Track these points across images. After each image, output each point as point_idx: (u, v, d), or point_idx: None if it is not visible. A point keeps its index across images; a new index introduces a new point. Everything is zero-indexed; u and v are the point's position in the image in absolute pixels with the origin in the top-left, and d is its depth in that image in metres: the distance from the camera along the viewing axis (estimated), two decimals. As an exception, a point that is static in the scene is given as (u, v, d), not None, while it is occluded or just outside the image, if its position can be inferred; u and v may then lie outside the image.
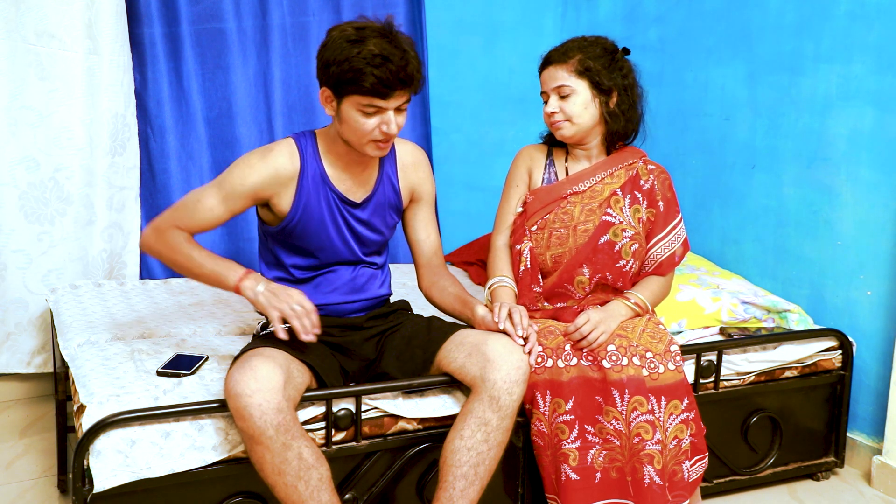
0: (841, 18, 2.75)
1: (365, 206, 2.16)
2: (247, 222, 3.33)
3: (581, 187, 2.33)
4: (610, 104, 2.29)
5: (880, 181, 2.66)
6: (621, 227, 2.30)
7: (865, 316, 2.73)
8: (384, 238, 2.23)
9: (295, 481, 1.84)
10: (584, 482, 2.12)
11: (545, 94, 2.32)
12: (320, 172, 2.10)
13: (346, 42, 1.94)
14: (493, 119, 3.87)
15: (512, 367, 1.99)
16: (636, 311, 2.28)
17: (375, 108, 1.97)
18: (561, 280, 2.31)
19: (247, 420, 1.81)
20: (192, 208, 2.07)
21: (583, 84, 2.27)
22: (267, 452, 1.83)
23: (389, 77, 1.92)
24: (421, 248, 2.29)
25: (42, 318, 3.07)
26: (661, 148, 3.45)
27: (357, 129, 2.00)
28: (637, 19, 3.57)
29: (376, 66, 1.91)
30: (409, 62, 1.96)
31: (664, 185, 2.37)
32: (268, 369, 1.85)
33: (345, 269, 2.18)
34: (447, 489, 1.97)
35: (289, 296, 1.96)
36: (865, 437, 2.77)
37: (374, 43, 1.93)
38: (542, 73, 2.33)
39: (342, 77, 1.94)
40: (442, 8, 3.63)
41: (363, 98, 1.95)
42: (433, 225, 2.30)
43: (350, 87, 1.95)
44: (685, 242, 2.39)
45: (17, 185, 2.97)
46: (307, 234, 2.11)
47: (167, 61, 3.17)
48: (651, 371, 2.16)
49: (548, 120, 2.32)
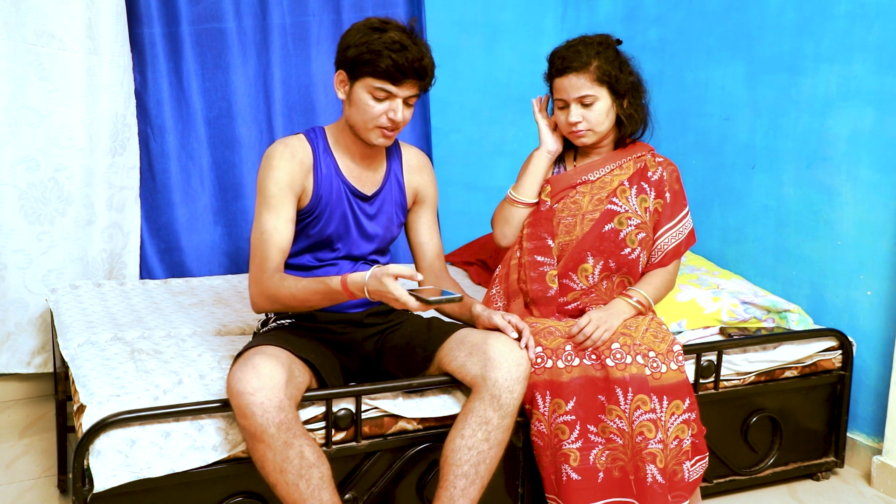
0: (841, 18, 2.75)
1: (374, 200, 2.20)
2: (246, 222, 3.33)
3: (591, 177, 2.35)
4: (624, 105, 2.29)
5: (880, 181, 2.66)
6: (626, 215, 2.31)
7: (865, 316, 2.73)
8: (389, 235, 2.25)
9: (296, 479, 1.84)
10: (586, 482, 2.13)
11: (562, 102, 2.30)
12: (333, 164, 2.15)
13: (368, 28, 2.04)
14: (493, 119, 3.87)
15: (513, 366, 2.00)
16: (638, 310, 2.28)
17: (386, 92, 2.03)
18: (566, 268, 2.32)
19: (249, 418, 1.81)
20: (263, 243, 2.05)
21: (604, 91, 2.27)
22: (268, 450, 1.83)
23: (405, 63, 2.00)
24: (423, 251, 2.31)
25: (42, 318, 3.07)
26: (662, 148, 3.44)
27: (366, 111, 2.06)
28: (637, 19, 3.57)
29: (394, 50, 1.99)
30: (425, 55, 2.05)
31: (672, 176, 2.39)
32: (270, 367, 1.85)
33: (347, 266, 2.19)
34: (448, 488, 1.98)
35: (393, 298, 1.87)
36: (865, 437, 2.77)
37: (395, 33, 2.03)
38: (556, 79, 2.29)
39: (360, 58, 2.02)
40: (442, 8, 3.63)
41: (376, 80, 2.02)
42: (435, 229, 2.34)
43: (365, 69, 2.02)
44: (692, 233, 2.41)
45: (17, 185, 2.97)
46: (330, 221, 2.14)
47: (167, 61, 3.17)
48: (654, 370, 2.16)
49: (567, 128, 2.31)
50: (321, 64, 3.39)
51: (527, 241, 2.36)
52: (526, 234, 2.36)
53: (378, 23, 2.06)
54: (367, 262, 2.23)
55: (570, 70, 2.26)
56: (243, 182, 3.31)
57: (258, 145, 3.33)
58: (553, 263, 2.33)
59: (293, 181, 2.08)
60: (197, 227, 3.28)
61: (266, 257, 2.04)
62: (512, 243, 2.41)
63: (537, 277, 2.32)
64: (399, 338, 2.20)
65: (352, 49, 2.03)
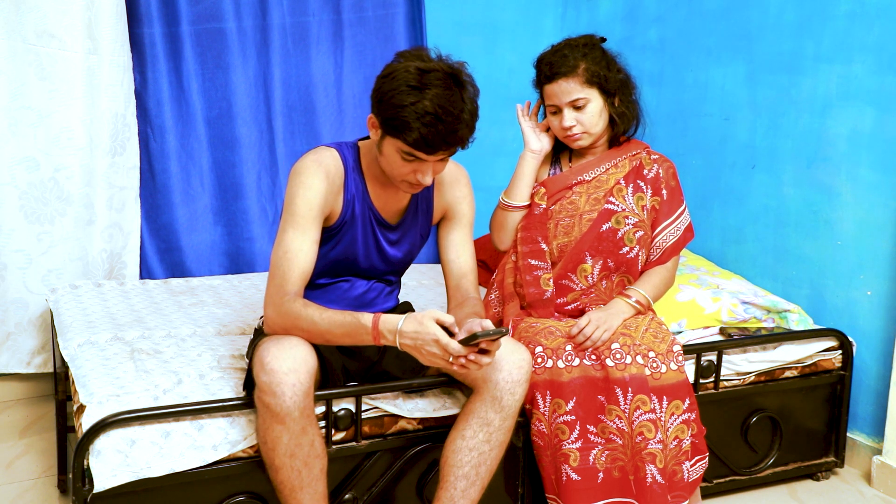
0: (841, 18, 2.75)
1: (397, 228, 2.14)
2: (246, 222, 3.33)
3: (587, 177, 2.34)
4: (615, 104, 2.29)
5: (880, 181, 2.66)
6: (623, 214, 2.30)
7: (865, 316, 2.73)
8: (408, 259, 2.21)
9: (301, 466, 1.86)
10: (586, 482, 2.13)
11: (553, 107, 2.29)
12: (362, 186, 2.07)
13: (406, 86, 1.86)
14: (493, 119, 3.86)
15: (514, 367, 1.99)
16: (638, 309, 2.28)
17: (415, 157, 1.92)
18: (565, 269, 2.32)
19: (278, 397, 1.79)
20: (286, 262, 1.95)
21: (594, 92, 2.26)
22: (286, 433, 1.83)
23: (436, 139, 1.87)
24: (450, 268, 2.19)
25: (42, 318, 3.07)
26: (662, 148, 3.43)
27: (393, 167, 1.97)
28: (637, 19, 3.57)
29: (425, 124, 1.85)
30: (461, 126, 1.89)
31: (668, 173, 2.38)
32: (305, 352, 1.85)
33: (360, 283, 2.16)
34: (448, 489, 1.98)
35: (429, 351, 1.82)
36: (865, 437, 2.77)
37: (434, 95, 1.85)
38: (546, 86, 2.28)
39: (391, 122, 1.89)
40: (442, 8, 3.63)
41: (405, 146, 1.91)
42: (466, 247, 2.20)
43: (395, 133, 1.90)
44: (689, 228, 2.40)
45: (17, 185, 2.97)
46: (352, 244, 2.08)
47: (167, 61, 3.17)
48: (653, 370, 2.16)
49: (562, 133, 2.30)
50: (321, 64, 3.39)
51: (521, 244, 2.35)
52: (520, 237, 2.36)
53: (416, 77, 1.86)
54: (382, 280, 2.20)
55: (558, 75, 2.25)
56: (243, 182, 3.31)
57: (258, 145, 3.33)
58: (547, 267, 2.32)
59: (325, 202, 1.98)
60: (197, 227, 3.28)
61: (287, 279, 1.93)
62: (510, 247, 2.41)
63: (532, 281, 2.32)
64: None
65: (385, 106, 1.89)
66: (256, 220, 3.34)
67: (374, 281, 2.18)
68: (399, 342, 1.83)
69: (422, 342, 1.81)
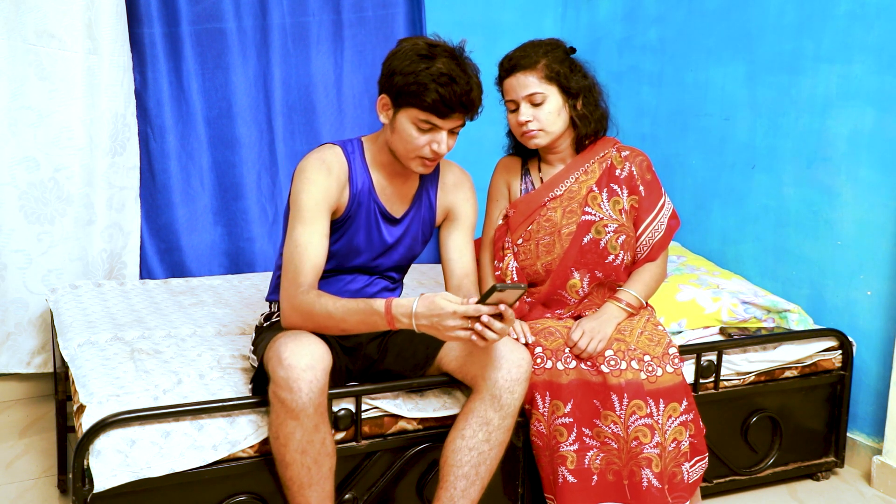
0: (841, 18, 2.75)
1: (401, 222, 2.17)
2: (246, 222, 3.33)
3: (558, 191, 2.31)
4: (577, 107, 2.28)
5: (880, 181, 2.66)
6: (602, 223, 2.28)
7: (865, 316, 2.73)
8: (411, 255, 2.23)
9: (312, 463, 1.87)
10: (581, 484, 2.13)
11: (512, 103, 2.28)
12: (368, 181, 2.11)
13: (416, 55, 1.96)
14: (493, 119, 3.86)
15: (513, 366, 1.99)
16: (630, 312, 2.27)
17: (431, 125, 1.99)
18: (554, 287, 2.30)
19: (294, 393, 1.80)
20: (297, 257, 1.98)
21: (553, 89, 2.24)
22: (299, 429, 1.83)
23: (452, 98, 1.95)
24: (451, 268, 2.22)
25: (42, 318, 3.07)
26: (662, 148, 3.45)
27: (408, 141, 2.01)
28: (637, 19, 3.57)
29: (442, 84, 1.93)
30: (473, 88, 1.99)
31: (642, 167, 2.33)
32: (322, 350, 1.86)
33: (362, 278, 2.18)
34: (448, 489, 1.98)
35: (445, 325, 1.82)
36: (865, 437, 2.77)
37: (443, 62, 1.96)
38: (505, 80, 2.29)
39: (405, 89, 1.96)
40: (442, 8, 3.63)
41: (421, 113, 1.97)
42: (467, 248, 2.24)
43: (411, 100, 1.96)
44: (674, 215, 2.36)
45: (17, 185, 2.97)
46: (355, 237, 2.11)
47: (167, 61, 3.17)
48: (649, 374, 2.15)
49: (518, 129, 2.28)
50: (321, 64, 3.39)
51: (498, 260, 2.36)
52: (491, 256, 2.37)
53: (426, 48, 1.97)
54: (384, 277, 2.22)
55: (518, 69, 2.25)
56: (243, 182, 3.31)
57: (258, 145, 3.34)
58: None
59: (329, 196, 2.03)
60: (197, 227, 3.28)
61: (299, 272, 1.96)
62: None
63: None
64: (402, 338, 2.19)
65: (398, 77, 1.97)
66: (256, 220, 3.34)
67: (376, 277, 2.20)
68: (416, 324, 1.84)
69: (437, 318, 1.81)
